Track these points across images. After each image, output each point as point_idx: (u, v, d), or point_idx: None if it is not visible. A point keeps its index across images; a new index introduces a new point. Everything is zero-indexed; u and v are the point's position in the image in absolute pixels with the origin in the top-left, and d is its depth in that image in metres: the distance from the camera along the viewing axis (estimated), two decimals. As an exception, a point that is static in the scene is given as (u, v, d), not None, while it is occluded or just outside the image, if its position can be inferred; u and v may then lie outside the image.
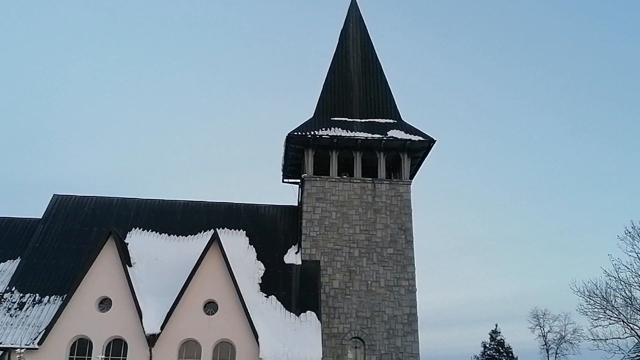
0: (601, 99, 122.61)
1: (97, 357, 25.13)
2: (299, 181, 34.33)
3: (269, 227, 32.25)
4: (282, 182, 36.38)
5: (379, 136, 32.21)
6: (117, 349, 26.41)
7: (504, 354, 56.68)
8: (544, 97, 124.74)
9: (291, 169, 35.38)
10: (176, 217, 32.24)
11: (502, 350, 56.85)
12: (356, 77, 35.47)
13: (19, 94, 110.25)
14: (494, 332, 58.06)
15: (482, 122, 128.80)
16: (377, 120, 33.83)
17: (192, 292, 26.70)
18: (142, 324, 25.88)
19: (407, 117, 34.45)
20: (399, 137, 32.23)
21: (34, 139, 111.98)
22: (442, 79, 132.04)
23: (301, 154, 33.04)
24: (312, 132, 31.97)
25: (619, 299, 32.41)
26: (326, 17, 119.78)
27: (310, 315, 27.89)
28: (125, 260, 27.32)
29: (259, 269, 29.80)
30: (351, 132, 32.34)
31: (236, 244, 30.35)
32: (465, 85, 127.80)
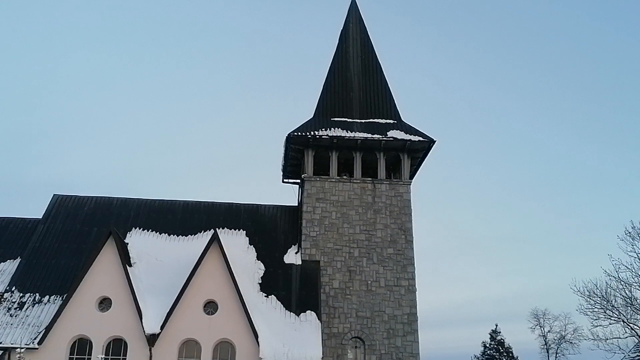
0: (601, 99, 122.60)
1: (97, 356, 25.17)
2: (299, 181, 34.35)
3: (269, 227, 32.28)
4: (282, 182, 36.44)
5: (378, 136, 32.23)
6: (117, 348, 26.43)
7: (504, 353, 56.66)
8: (544, 97, 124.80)
9: (291, 169, 35.40)
10: (176, 217, 32.26)
11: (502, 350, 56.84)
12: (356, 78, 35.49)
13: (19, 94, 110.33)
14: (494, 332, 58.05)
15: (482, 122, 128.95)
16: (377, 120, 33.85)
17: (192, 292, 26.72)
18: (142, 323, 25.89)
19: (407, 117, 34.53)
20: (399, 137, 32.25)
21: (34, 139, 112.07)
22: (442, 79, 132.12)
23: (301, 154, 33.06)
24: (312, 133, 32.00)
25: (619, 299, 32.43)
26: (326, 17, 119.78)
27: (310, 315, 27.92)
28: (125, 260, 27.34)
29: (259, 268, 29.82)
30: (351, 132, 32.36)
31: (236, 244, 30.38)
32: (465, 85, 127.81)
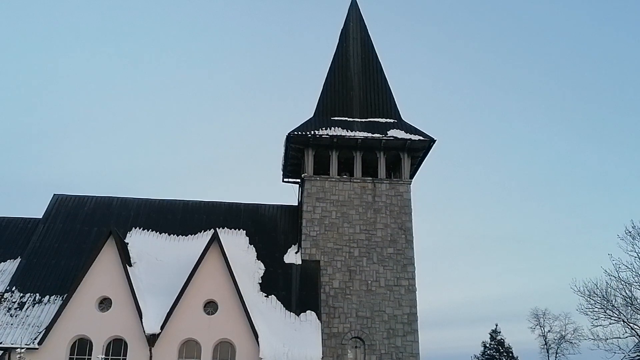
0: (601, 99, 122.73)
1: (97, 357, 25.15)
2: (299, 181, 34.32)
3: (269, 227, 32.25)
4: (282, 181, 36.41)
5: (379, 136, 32.20)
6: (117, 348, 26.42)
7: (504, 353, 56.62)
8: (544, 97, 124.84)
9: (291, 169, 35.38)
10: (176, 217, 32.24)
11: (502, 350, 56.80)
12: (356, 77, 35.47)
13: (19, 94, 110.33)
14: (494, 332, 58.01)
15: (482, 121, 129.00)
16: (377, 119, 33.83)
17: (192, 292, 26.71)
18: (142, 323, 25.88)
19: (407, 116, 34.51)
20: (399, 136, 32.23)
21: (34, 139, 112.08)
22: (442, 79, 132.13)
23: (301, 153, 33.04)
24: (312, 132, 31.97)
25: (619, 299, 32.41)
26: (326, 17, 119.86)
27: (310, 315, 27.90)
28: (125, 260, 27.32)
29: (259, 268, 29.81)
30: (351, 131, 32.34)
31: (236, 243, 30.36)
32: (465, 84, 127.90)
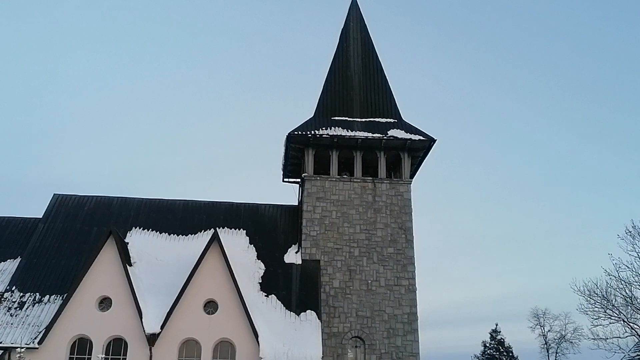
0: (602, 98, 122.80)
1: (98, 356, 25.17)
2: (299, 181, 34.31)
3: (269, 227, 32.25)
4: (282, 181, 36.40)
5: (379, 135, 32.20)
6: (117, 348, 26.41)
7: (504, 353, 56.61)
8: (544, 96, 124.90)
9: (291, 169, 35.37)
10: (176, 217, 32.23)
11: (502, 349, 56.80)
12: (356, 77, 35.46)
13: (19, 94, 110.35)
14: (494, 332, 58.01)
15: (483, 121, 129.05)
16: (377, 119, 33.82)
17: (192, 292, 26.70)
18: (142, 323, 25.88)
19: (407, 116, 34.51)
20: (400, 136, 32.22)
21: (34, 139, 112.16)
22: (442, 79, 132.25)
23: (301, 153, 33.03)
24: (313, 132, 31.96)
25: (619, 298, 32.35)
26: (326, 16, 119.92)
27: (310, 314, 27.90)
28: (125, 259, 27.32)
29: (259, 268, 29.81)
30: (351, 131, 32.33)
31: (236, 243, 30.36)
32: (465, 84, 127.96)
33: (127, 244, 29.54)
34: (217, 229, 29.73)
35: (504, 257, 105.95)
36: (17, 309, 27.12)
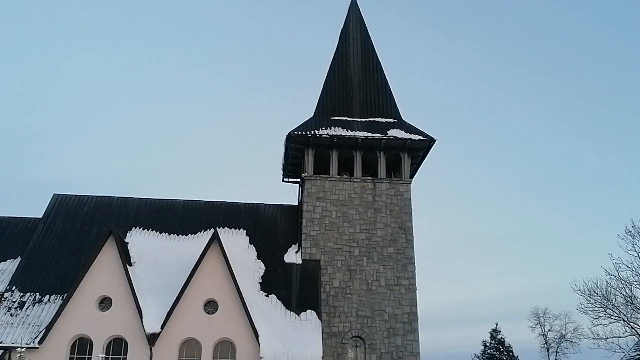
0: (601, 99, 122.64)
1: (98, 356, 25.19)
2: (299, 180, 34.33)
3: (269, 227, 32.27)
4: (282, 181, 36.41)
5: (379, 135, 32.21)
6: (117, 348, 26.43)
7: (505, 352, 56.60)
8: (544, 97, 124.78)
9: (291, 168, 35.39)
10: (176, 217, 32.25)
11: (502, 349, 56.79)
12: (356, 77, 35.48)
13: (19, 94, 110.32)
14: (495, 331, 57.99)
15: (483, 121, 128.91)
16: (377, 119, 33.84)
17: (193, 291, 26.72)
18: (142, 323, 25.89)
19: (407, 116, 34.53)
20: (399, 136, 32.24)
21: (34, 139, 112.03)
22: (442, 79, 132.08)
23: (301, 153, 33.04)
24: (312, 132, 31.98)
25: (619, 298, 32.29)
26: (326, 16, 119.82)
27: (310, 314, 27.92)
28: (125, 259, 27.34)
29: (259, 268, 29.82)
30: (351, 131, 32.35)
31: (236, 243, 30.38)
32: (465, 84, 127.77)
33: (127, 243, 29.55)
34: (217, 228, 29.74)
35: (504, 257, 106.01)
36: (17, 308, 27.14)
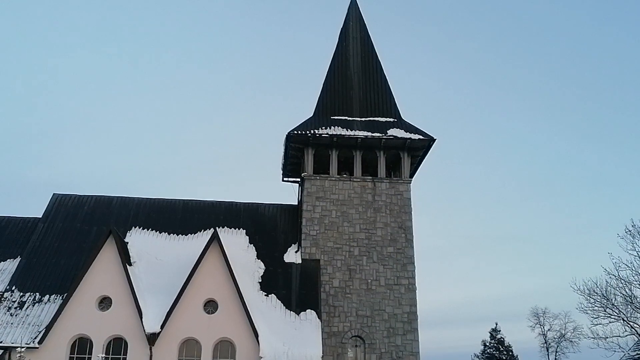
0: (601, 99, 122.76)
1: (98, 356, 25.19)
2: (299, 180, 34.32)
3: (269, 226, 32.26)
4: (282, 181, 36.40)
5: (379, 135, 32.20)
6: (117, 348, 26.43)
7: (504, 352, 56.67)
8: (544, 97, 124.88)
9: (291, 168, 35.37)
10: (176, 216, 32.24)
11: (502, 348, 56.86)
12: (356, 76, 35.46)
13: (19, 94, 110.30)
14: (494, 331, 58.06)
15: (482, 121, 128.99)
16: (377, 119, 33.83)
17: (192, 291, 26.72)
18: (142, 323, 25.89)
19: (407, 116, 34.52)
20: (399, 135, 32.22)
21: (34, 139, 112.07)
22: (442, 78, 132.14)
23: (301, 152, 33.03)
24: (312, 131, 31.96)
25: (619, 298, 32.28)
26: (326, 16, 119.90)
27: (310, 314, 27.91)
28: (125, 259, 27.33)
29: (259, 267, 29.82)
30: (351, 130, 32.33)
31: (236, 243, 30.37)
32: (465, 84, 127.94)
33: (127, 243, 29.55)
34: (217, 228, 29.74)
35: (504, 257, 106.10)
36: (17, 308, 27.14)
